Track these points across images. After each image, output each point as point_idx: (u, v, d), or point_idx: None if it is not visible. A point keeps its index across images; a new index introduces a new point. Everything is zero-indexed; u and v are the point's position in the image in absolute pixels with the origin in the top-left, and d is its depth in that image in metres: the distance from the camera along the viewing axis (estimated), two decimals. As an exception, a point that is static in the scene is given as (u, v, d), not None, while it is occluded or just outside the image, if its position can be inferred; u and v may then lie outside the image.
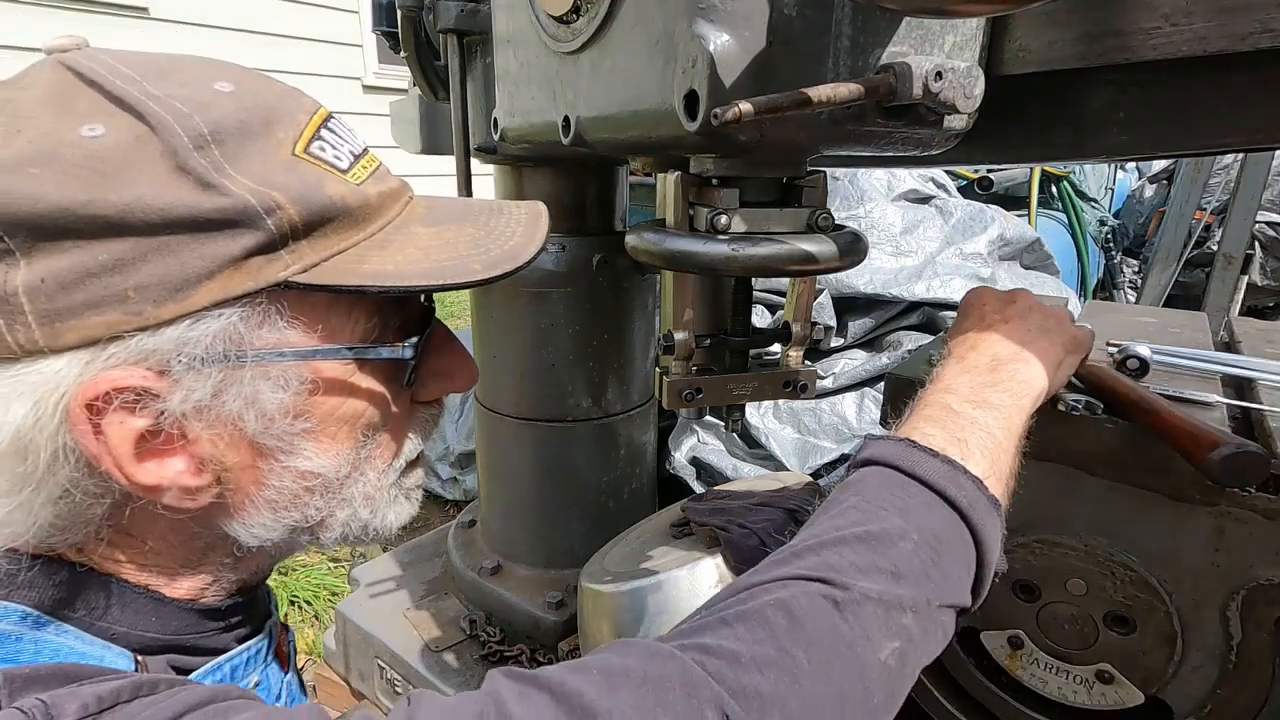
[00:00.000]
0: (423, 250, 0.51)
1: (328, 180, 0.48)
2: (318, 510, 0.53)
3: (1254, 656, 0.72)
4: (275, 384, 0.47)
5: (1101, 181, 5.11)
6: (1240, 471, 0.60)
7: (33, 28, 4.58)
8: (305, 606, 2.33)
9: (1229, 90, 0.61)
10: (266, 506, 0.51)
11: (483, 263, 0.52)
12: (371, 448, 0.55)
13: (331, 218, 0.47)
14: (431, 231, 0.54)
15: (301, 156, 0.48)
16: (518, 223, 0.57)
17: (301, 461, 0.50)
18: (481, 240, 0.54)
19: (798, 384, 0.81)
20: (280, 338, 0.47)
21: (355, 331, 0.51)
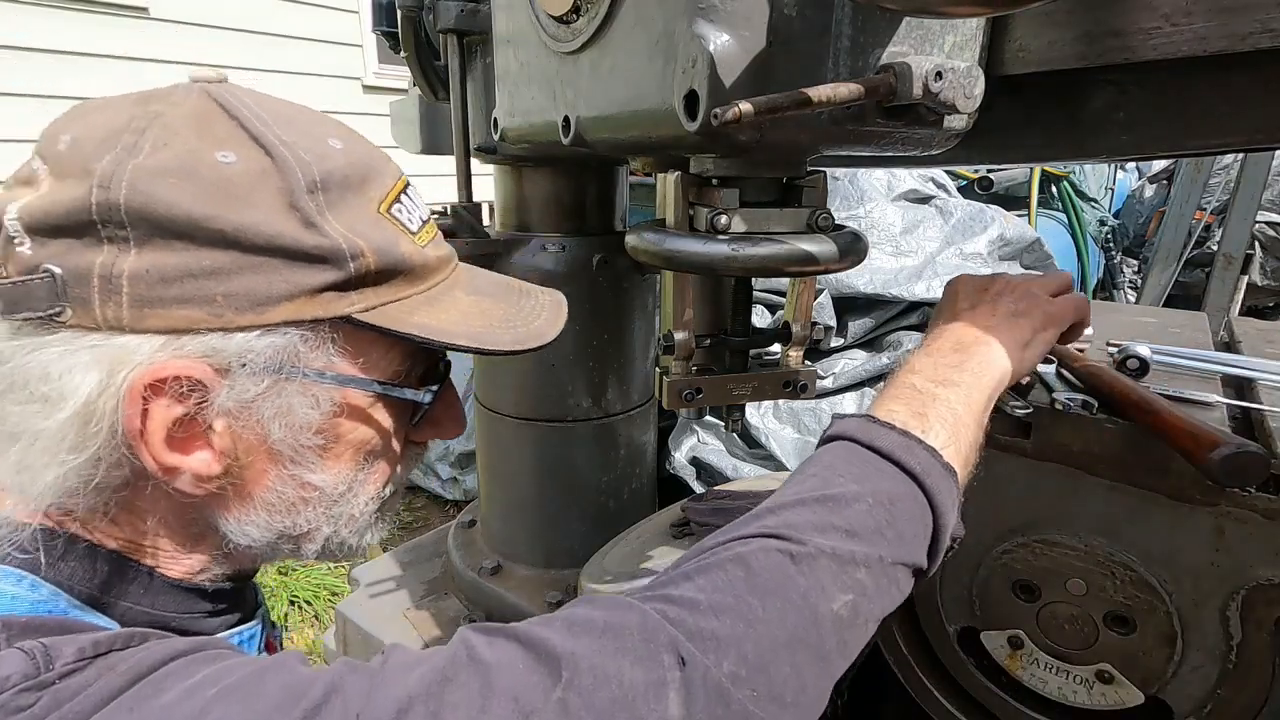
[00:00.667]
0: (463, 314, 0.59)
1: (402, 239, 0.55)
2: (307, 521, 0.57)
3: (1254, 656, 0.72)
4: (310, 401, 0.53)
5: (1101, 181, 5.11)
6: (1240, 471, 0.60)
7: (33, 28, 4.58)
8: (305, 606, 2.33)
9: (1229, 90, 0.61)
10: (263, 507, 0.55)
11: (511, 338, 0.59)
12: (368, 473, 0.59)
13: (399, 272, 0.54)
14: (471, 300, 0.61)
15: (385, 215, 0.55)
16: (543, 308, 0.65)
17: (306, 473, 0.55)
18: (512, 317, 0.62)
19: (798, 384, 0.81)
20: (328, 363, 0.53)
21: (388, 370, 0.57)
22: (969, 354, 0.66)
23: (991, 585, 0.84)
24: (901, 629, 0.94)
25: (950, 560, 0.86)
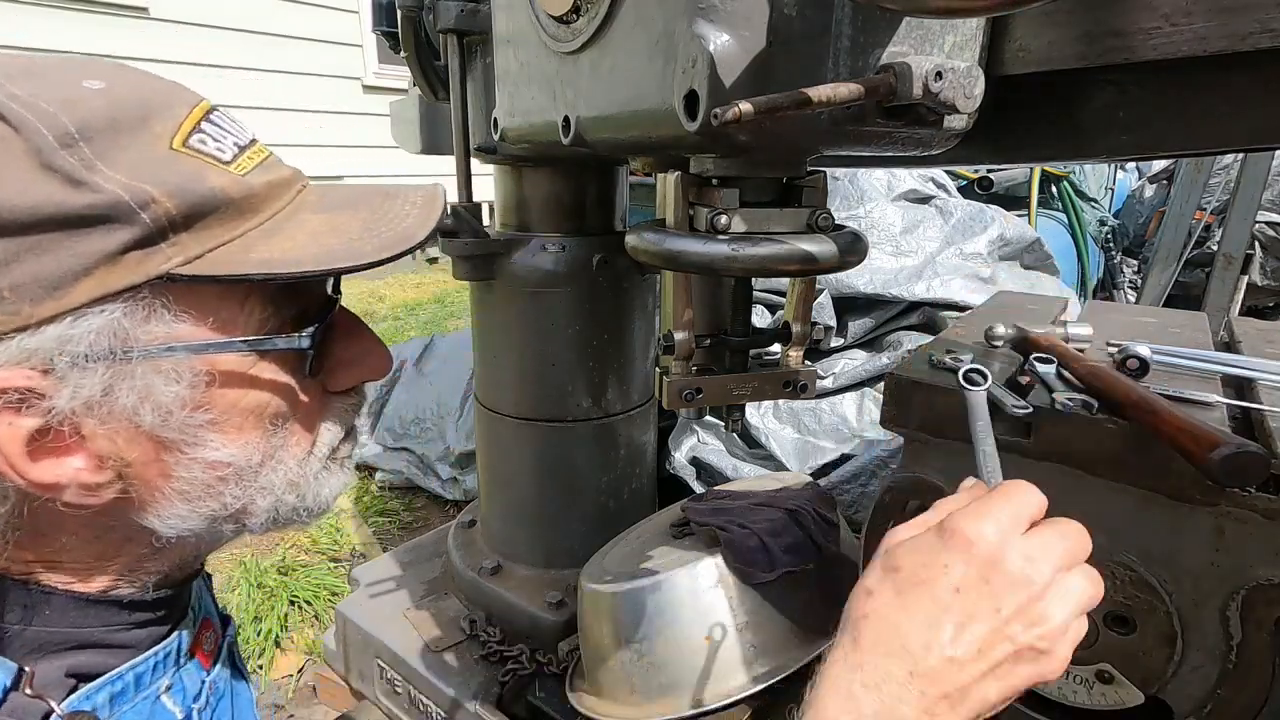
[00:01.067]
0: (312, 235, 0.51)
1: (209, 172, 0.48)
2: (235, 498, 0.53)
3: (1254, 656, 0.72)
4: (168, 378, 0.48)
5: (1101, 181, 5.11)
6: (1240, 471, 0.60)
7: (33, 28, 4.58)
8: (305, 606, 2.33)
9: (1229, 90, 0.61)
10: (178, 498, 0.51)
11: (374, 245, 0.52)
12: (283, 436, 0.55)
13: (214, 209, 0.48)
14: (322, 218, 0.54)
15: (180, 150, 0.48)
16: (412, 205, 0.57)
17: (208, 452, 0.51)
18: (373, 224, 0.54)
19: (798, 384, 0.81)
20: (169, 332, 0.47)
21: (250, 323, 0.51)
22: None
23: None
24: (901, 629, 0.93)
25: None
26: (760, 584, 1.07)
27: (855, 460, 1.92)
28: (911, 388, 0.83)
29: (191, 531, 0.53)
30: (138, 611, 0.56)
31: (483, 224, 1.33)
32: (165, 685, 0.58)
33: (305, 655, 2.15)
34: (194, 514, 0.52)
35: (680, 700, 1.05)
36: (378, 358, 0.61)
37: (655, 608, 1.08)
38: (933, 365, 0.86)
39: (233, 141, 0.52)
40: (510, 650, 1.43)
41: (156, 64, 5.12)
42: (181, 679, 0.60)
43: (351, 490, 3.10)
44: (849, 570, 1.14)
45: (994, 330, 0.96)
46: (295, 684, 2.06)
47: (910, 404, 0.83)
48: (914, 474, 0.86)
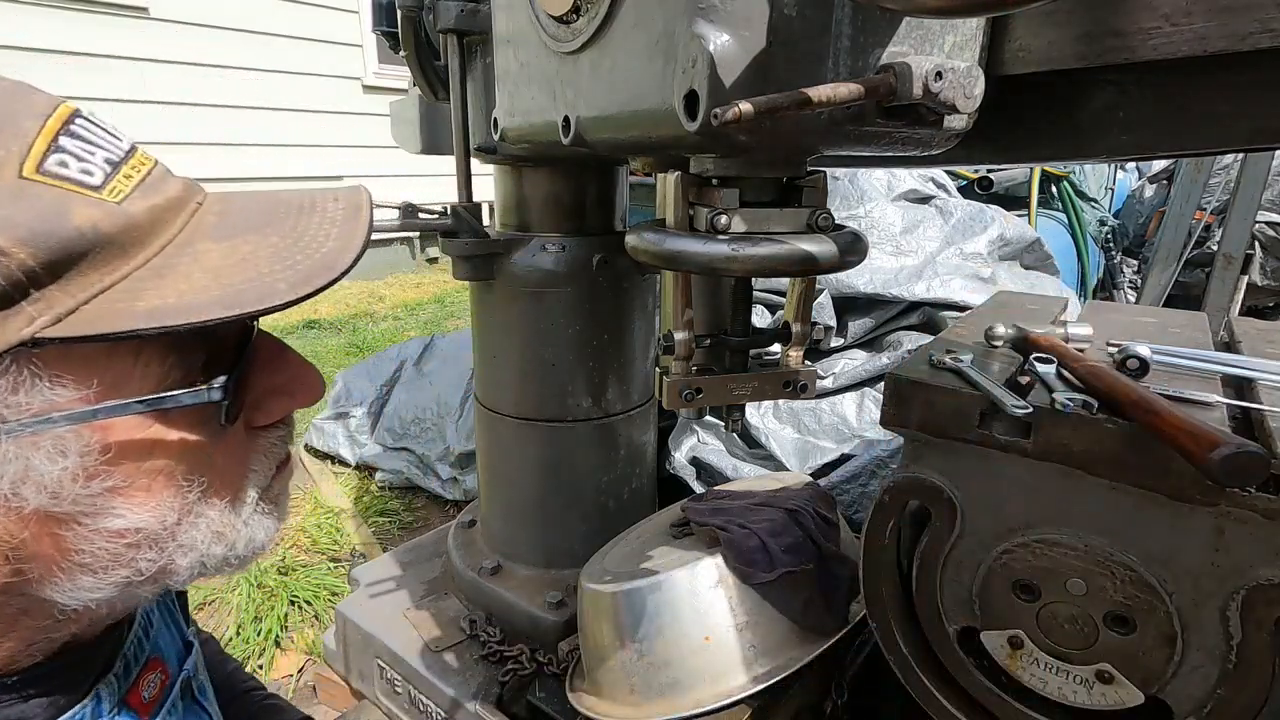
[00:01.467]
0: (212, 273, 0.43)
1: (73, 204, 0.39)
2: (151, 562, 0.47)
3: (1254, 656, 0.72)
4: (49, 454, 0.41)
5: (1101, 181, 5.11)
6: (1240, 471, 0.60)
7: (33, 28, 4.58)
8: (305, 606, 2.33)
9: (1229, 90, 0.61)
10: (81, 571, 0.45)
11: (289, 279, 0.43)
12: (202, 490, 0.48)
13: (84, 251, 0.39)
14: (225, 247, 0.45)
15: (33, 178, 0.38)
16: (332, 222, 0.48)
17: (112, 521, 0.44)
18: (287, 251, 0.46)
19: (798, 384, 0.81)
20: (45, 401, 0.40)
21: (147, 378, 0.43)
22: None
23: (991, 585, 0.84)
24: (901, 629, 0.94)
25: (950, 560, 0.86)
26: (760, 584, 1.07)
27: (855, 460, 1.92)
28: (911, 388, 0.83)
29: (101, 600, 0.47)
30: (30, 686, 0.49)
31: (483, 224, 1.33)
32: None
33: (305, 655, 2.15)
34: (102, 584, 0.46)
35: (680, 700, 1.05)
36: (306, 385, 0.53)
37: (655, 608, 1.08)
38: (933, 365, 0.86)
39: (103, 157, 0.42)
40: (510, 650, 1.43)
41: (156, 64, 5.12)
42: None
43: (351, 490, 3.10)
44: (849, 570, 1.14)
45: (994, 330, 0.96)
46: (295, 684, 2.06)
47: (910, 404, 0.83)
48: (914, 474, 0.86)
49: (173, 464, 0.46)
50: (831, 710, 1.18)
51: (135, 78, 5.04)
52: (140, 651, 0.61)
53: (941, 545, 0.86)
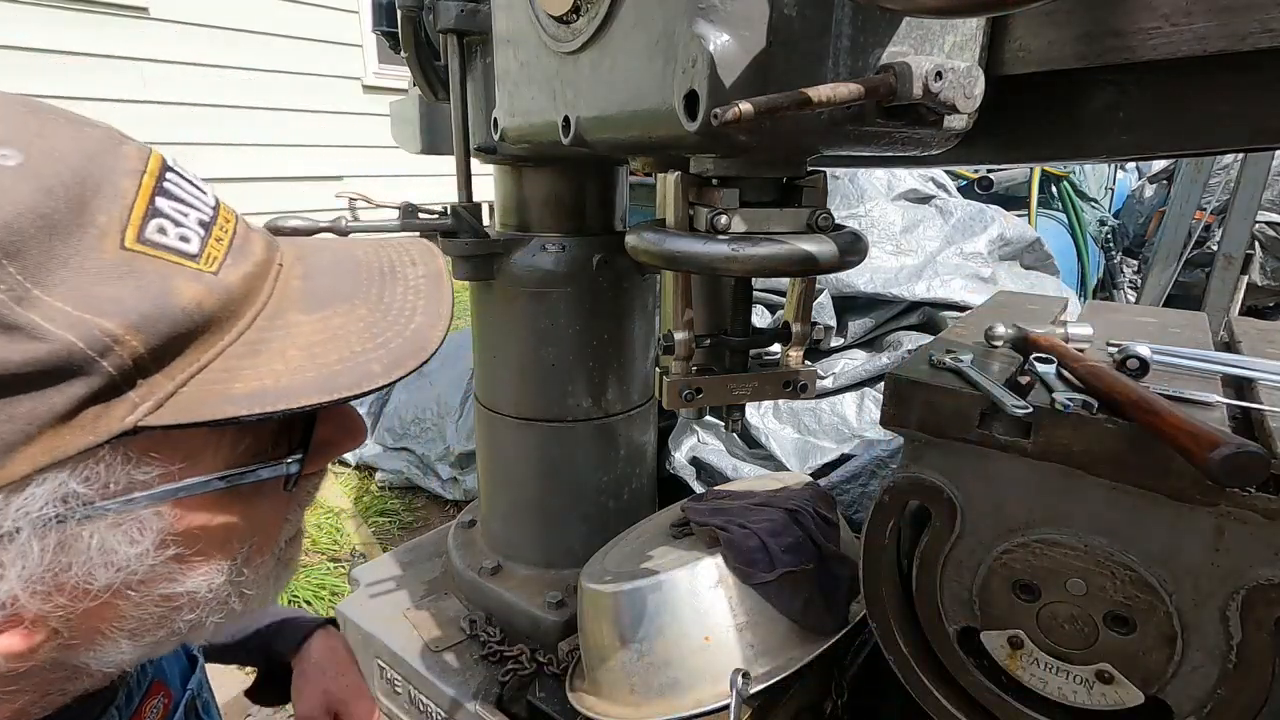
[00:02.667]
0: (306, 351, 0.41)
1: (176, 279, 0.37)
2: (188, 623, 0.46)
3: (1254, 656, 0.72)
4: (127, 535, 0.39)
5: (1101, 181, 5.11)
6: (1240, 471, 0.60)
7: (33, 28, 4.58)
8: (305, 606, 2.33)
9: (1229, 90, 0.61)
10: (125, 637, 0.43)
11: (383, 361, 0.42)
12: (249, 551, 0.47)
13: (189, 332, 0.37)
14: (315, 320, 0.43)
15: (135, 249, 0.36)
16: (417, 292, 0.47)
17: (168, 588, 0.43)
18: (377, 325, 0.44)
19: (798, 384, 0.81)
20: (129, 480, 0.38)
21: (224, 452, 0.42)
22: None
23: (991, 585, 0.84)
24: (901, 629, 0.94)
25: (950, 560, 0.86)
26: (760, 584, 1.07)
27: (855, 460, 1.92)
28: (911, 388, 0.83)
29: (131, 661, 0.46)
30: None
31: (483, 224, 1.33)
32: None
33: (305, 655, 2.15)
34: (139, 646, 0.44)
35: (680, 700, 1.05)
36: (355, 432, 0.51)
37: (655, 608, 1.08)
38: (933, 365, 0.86)
39: (196, 219, 0.40)
40: (510, 650, 1.43)
41: (156, 64, 5.12)
42: None
43: (351, 490, 3.10)
44: (849, 570, 1.14)
45: (994, 330, 0.96)
46: (295, 684, 2.06)
47: (910, 404, 0.83)
48: (914, 474, 0.86)
49: (231, 531, 0.45)
50: (831, 710, 1.18)
51: (135, 78, 5.04)
52: (143, 677, 0.59)
53: (941, 545, 0.86)
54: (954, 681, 0.91)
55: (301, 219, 1.12)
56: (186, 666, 0.66)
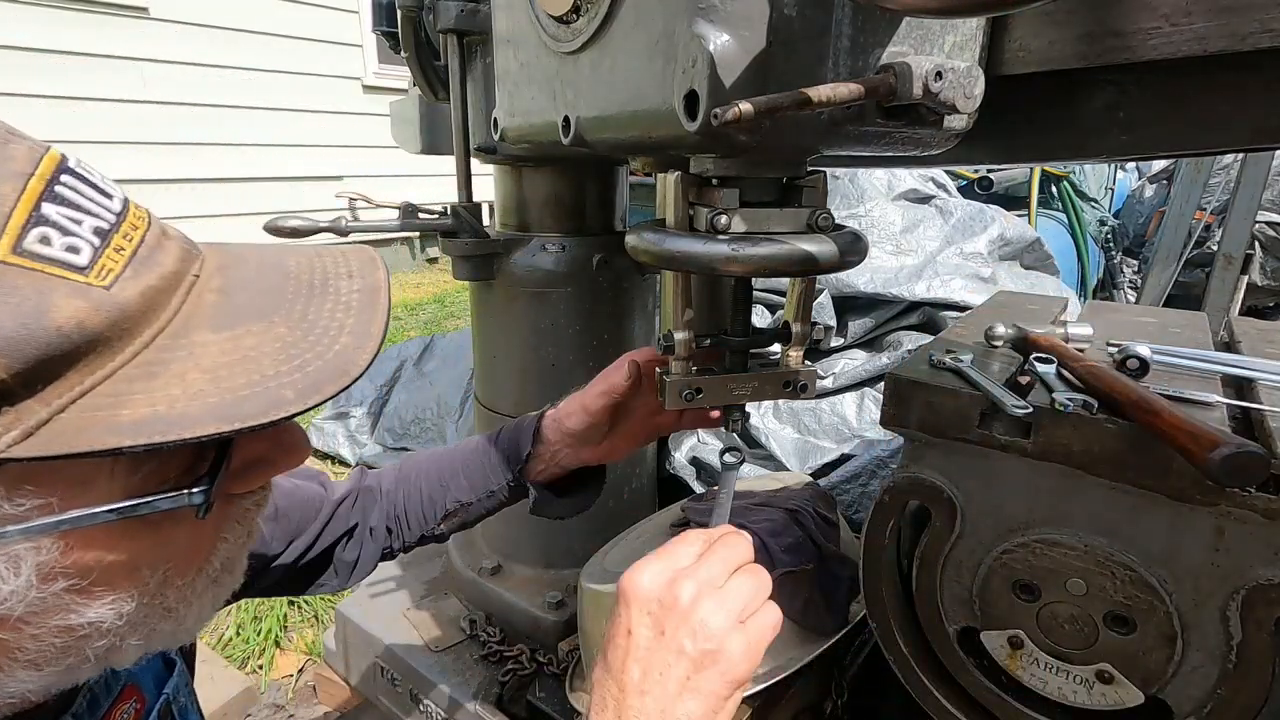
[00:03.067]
0: (210, 374, 0.37)
1: (55, 295, 0.33)
2: (99, 649, 0.43)
3: (1254, 656, 0.72)
4: (4, 567, 0.36)
5: (1101, 181, 5.11)
6: (1240, 471, 0.60)
7: (32, 28, 4.58)
8: (305, 606, 2.33)
9: (1229, 90, 0.61)
10: (25, 667, 0.41)
11: (297, 386, 0.38)
12: (163, 575, 0.44)
13: (65, 354, 0.34)
14: (224, 339, 0.39)
15: (9, 261, 0.32)
16: (347, 309, 0.43)
17: (66, 619, 0.40)
18: (296, 345, 0.40)
19: (798, 384, 0.81)
20: (2, 514, 0.35)
21: (117, 480, 0.39)
22: None
23: (991, 585, 0.84)
24: (901, 629, 0.93)
25: (950, 560, 0.86)
26: (760, 584, 1.07)
27: (855, 460, 1.92)
28: (911, 388, 0.83)
29: (36, 690, 0.43)
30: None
31: (483, 224, 1.33)
32: None
33: (305, 655, 2.15)
34: (43, 676, 0.42)
35: (680, 700, 1.05)
36: (293, 452, 0.48)
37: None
38: (933, 365, 0.86)
39: (91, 226, 0.36)
40: (510, 650, 1.43)
41: (156, 64, 5.12)
42: None
43: (351, 490, 3.09)
44: (849, 570, 1.14)
45: (994, 330, 0.96)
46: (295, 684, 2.06)
47: (910, 404, 0.83)
48: (914, 474, 0.86)
49: (136, 560, 0.42)
50: (831, 710, 1.17)
51: (135, 78, 5.04)
52: (114, 681, 0.57)
53: (941, 545, 0.86)
54: (954, 681, 0.91)
55: (301, 219, 1.12)
56: (162, 670, 0.64)
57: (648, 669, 0.52)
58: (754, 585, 0.55)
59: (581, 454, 0.87)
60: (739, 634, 0.52)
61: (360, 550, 0.90)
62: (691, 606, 0.52)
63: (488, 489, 0.90)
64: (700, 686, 0.51)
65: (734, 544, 0.58)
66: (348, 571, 0.91)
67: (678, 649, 0.51)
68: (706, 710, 0.51)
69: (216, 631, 2.19)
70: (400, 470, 0.94)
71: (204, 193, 5.47)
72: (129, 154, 4.87)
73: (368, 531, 0.91)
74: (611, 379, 0.81)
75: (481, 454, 0.91)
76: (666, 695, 0.51)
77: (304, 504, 0.86)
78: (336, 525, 0.89)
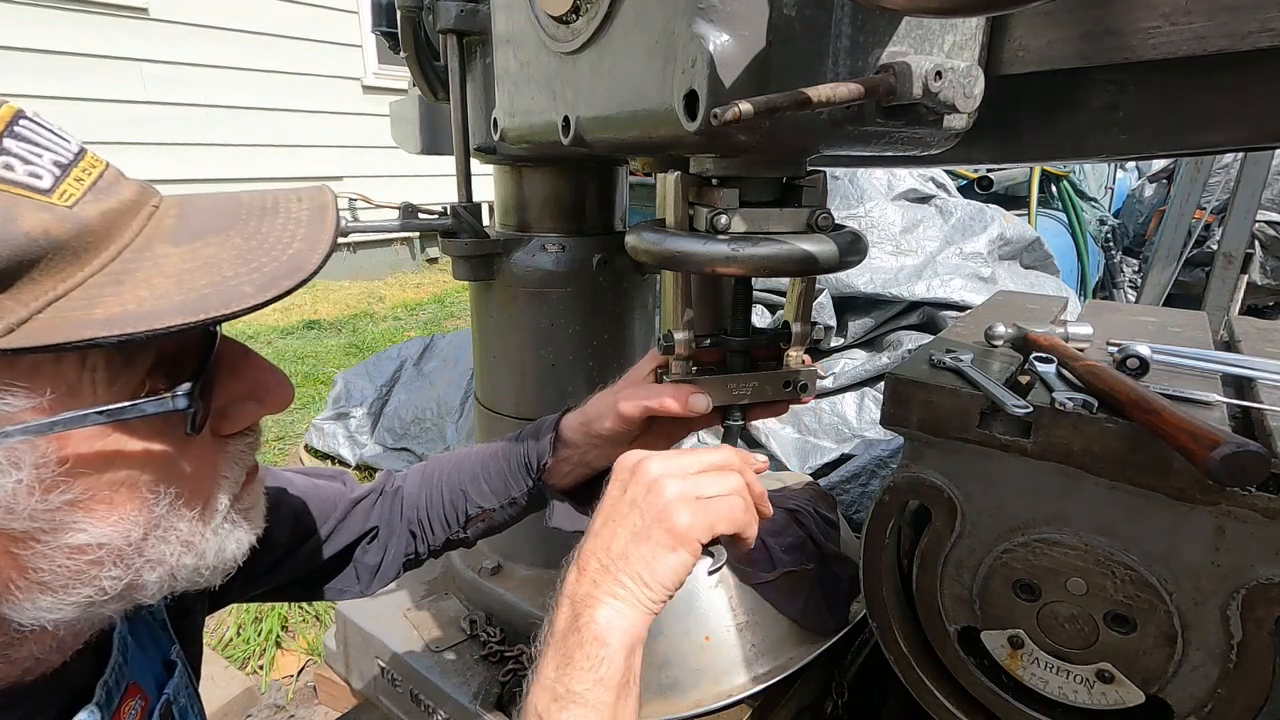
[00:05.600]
0: (174, 278, 0.41)
1: (21, 209, 0.38)
2: (116, 580, 0.45)
3: (1254, 656, 0.72)
4: (2, 468, 0.40)
5: (1101, 181, 5.11)
6: (1240, 471, 0.60)
7: (32, 28, 4.58)
8: (305, 606, 2.33)
9: (1229, 90, 0.61)
10: (40, 590, 0.43)
11: (255, 282, 0.42)
12: (169, 502, 0.47)
13: (35, 259, 0.38)
14: (185, 251, 0.43)
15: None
16: (298, 222, 0.47)
17: (73, 537, 0.43)
18: (251, 253, 0.44)
19: (798, 384, 0.81)
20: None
21: (106, 387, 0.42)
22: (581, 633, 0.56)
23: (991, 585, 0.84)
24: (901, 629, 0.94)
25: (950, 560, 0.86)
26: (760, 584, 1.07)
27: (855, 460, 1.92)
28: (911, 387, 0.83)
29: (61, 621, 0.45)
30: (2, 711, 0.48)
31: (483, 224, 1.33)
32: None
33: (305, 655, 2.15)
34: (62, 603, 0.44)
35: (680, 700, 1.05)
36: (275, 391, 0.52)
37: (655, 608, 1.08)
38: (933, 365, 0.86)
39: (51, 160, 0.41)
40: (510, 651, 1.43)
41: (156, 64, 5.12)
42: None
43: (352, 490, 3.09)
44: (849, 570, 1.14)
45: (994, 330, 0.96)
46: (295, 684, 2.06)
47: (910, 404, 0.83)
48: (914, 474, 0.86)
49: (136, 475, 0.45)
50: (831, 710, 1.18)
51: (135, 78, 5.05)
52: (121, 678, 0.59)
53: (941, 545, 0.86)
54: (954, 681, 0.91)
55: (301, 219, 1.11)
56: (162, 672, 0.65)
57: (607, 518, 0.61)
58: (719, 481, 0.63)
59: (614, 454, 0.87)
60: (687, 502, 0.60)
61: (384, 554, 0.90)
62: (656, 478, 0.61)
63: (508, 495, 0.89)
64: (648, 535, 0.59)
65: (717, 451, 0.67)
66: (370, 575, 0.90)
67: (630, 502, 0.61)
68: (648, 556, 0.58)
69: (217, 632, 2.19)
70: (425, 471, 0.94)
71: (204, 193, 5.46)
72: (129, 154, 4.87)
73: (391, 535, 0.90)
74: (656, 397, 0.78)
75: (502, 459, 0.90)
76: (614, 537, 0.59)
77: (323, 501, 0.86)
78: (353, 524, 0.88)
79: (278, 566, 0.82)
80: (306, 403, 3.84)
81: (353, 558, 0.89)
